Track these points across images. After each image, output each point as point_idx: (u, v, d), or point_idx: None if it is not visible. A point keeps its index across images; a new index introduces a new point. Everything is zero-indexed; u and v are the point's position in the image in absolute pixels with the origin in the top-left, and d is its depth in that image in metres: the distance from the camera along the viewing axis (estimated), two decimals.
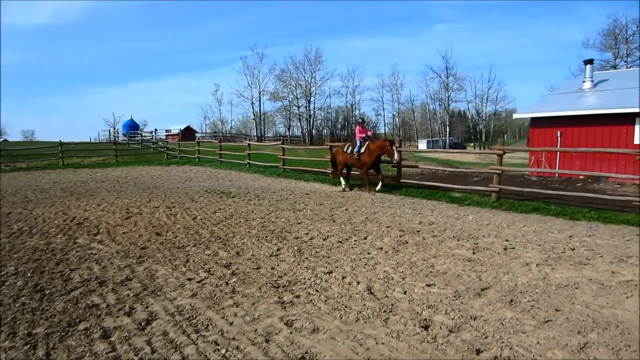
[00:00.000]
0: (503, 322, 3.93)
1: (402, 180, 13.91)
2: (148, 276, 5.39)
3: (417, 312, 4.16)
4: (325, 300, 4.51)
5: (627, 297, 4.57)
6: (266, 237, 7.34)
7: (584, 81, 21.65)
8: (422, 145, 67.07)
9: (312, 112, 74.42)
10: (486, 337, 3.65)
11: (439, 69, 71.53)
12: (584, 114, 18.35)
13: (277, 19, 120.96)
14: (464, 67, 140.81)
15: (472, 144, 76.36)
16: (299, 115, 74.78)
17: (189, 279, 5.24)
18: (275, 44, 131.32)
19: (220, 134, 66.56)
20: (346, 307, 4.33)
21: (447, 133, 70.95)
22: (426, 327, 3.85)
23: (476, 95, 75.08)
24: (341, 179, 14.10)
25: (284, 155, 19.89)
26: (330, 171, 15.60)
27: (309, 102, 73.81)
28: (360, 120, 14.20)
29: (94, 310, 4.34)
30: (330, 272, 5.42)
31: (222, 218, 8.94)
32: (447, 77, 70.40)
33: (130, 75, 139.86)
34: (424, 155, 33.48)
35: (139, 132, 48.13)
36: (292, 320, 4.03)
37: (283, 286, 4.96)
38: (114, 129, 66.19)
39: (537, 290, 4.74)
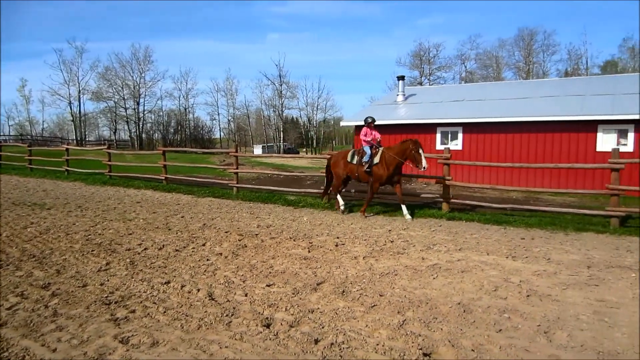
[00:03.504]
0: (337, 312, 4.29)
1: (238, 185, 13.97)
2: None
3: (259, 312, 4.28)
4: (164, 312, 4.33)
5: (434, 278, 5.40)
6: (92, 251, 6.67)
7: (397, 95, 24.67)
8: (258, 150, 68.19)
9: (141, 114, 69.67)
10: (323, 327, 3.95)
11: (272, 76, 73.58)
12: (397, 123, 20.90)
13: (100, 11, 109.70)
14: (296, 75, 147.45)
15: (304, 149, 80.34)
16: (127, 118, 69.25)
17: None
18: (98, 39, 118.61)
19: (30, 137, 57.75)
20: (187, 315, 4.23)
21: (281, 139, 73.43)
22: (268, 325, 3.98)
23: (307, 103, 79.39)
24: (338, 197, 10.93)
25: (110, 160, 18.24)
26: (322, 190, 11.94)
27: (138, 103, 68.95)
28: (369, 120, 10.65)
29: None
30: (168, 282, 5.21)
31: (35, 233, 7.82)
32: (281, 85, 72.88)
33: None
34: (260, 160, 34.13)
35: None
36: (128, 337, 3.77)
37: (115, 302, 4.60)
38: None
39: (364, 280, 5.28)
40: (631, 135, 16.78)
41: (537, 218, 9.78)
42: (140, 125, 69.48)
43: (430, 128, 20.05)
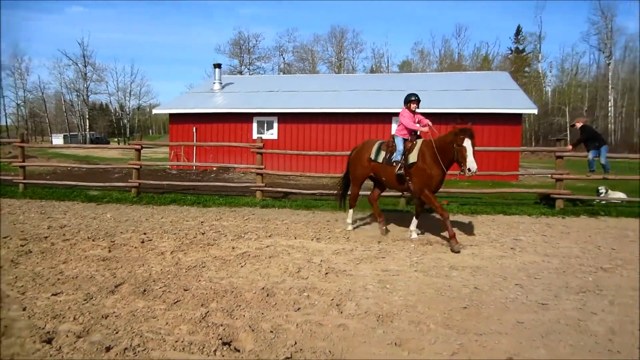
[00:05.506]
0: (135, 313, 4.02)
1: (26, 181, 12.01)
2: None
3: (39, 327, 3.74)
4: None
5: (242, 267, 5.48)
6: None
7: (214, 83, 24.31)
8: (58, 140, 59.91)
9: None
10: (117, 332, 3.65)
11: (75, 55, 65.00)
12: (214, 112, 20.62)
13: None
14: (104, 57, 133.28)
15: (116, 139, 73.47)
16: None
17: None
18: None
19: None
20: None
21: (88, 127, 65.90)
22: (49, 341, 3.51)
23: (118, 88, 72.43)
24: (351, 211, 7.98)
25: None
26: (336, 192, 8.65)
27: None
28: (413, 98, 7.26)
29: None
30: None
31: None
32: (85, 66, 65.09)
33: None
34: (59, 152, 30.01)
35: None
36: None
37: None
38: None
39: (169, 276, 5.07)
40: None
41: None
42: None
43: (247, 117, 20.32)
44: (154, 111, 25.54)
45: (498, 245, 6.76)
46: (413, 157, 6.88)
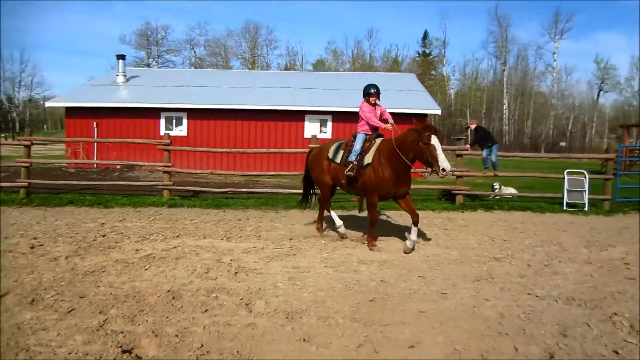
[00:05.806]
0: (20, 326, 3.63)
1: None
2: None
3: None
4: None
5: (146, 269, 5.20)
6: None
7: (117, 75, 22.81)
8: None
9: None
10: None
11: None
12: (118, 106, 19.37)
13: None
14: None
15: (4, 135, 66.20)
16: None
17: None
18: None
19: None
20: None
21: None
22: None
23: (5, 78, 65.29)
24: (332, 213, 7.14)
25: None
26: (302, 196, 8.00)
27: None
28: (372, 91, 6.81)
29: None
30: None
31: None
32: None
33: None
34: None
35: None
36: None
37: None
38: None
39: (63, 283, 4.67)
40: (329, 124, 19.98)
41: (253, 199, 10.60)
42: None
43: (155, 113, 19.40)
44: (48, 104, 23.22)
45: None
46: (368, 158, 6.38)
